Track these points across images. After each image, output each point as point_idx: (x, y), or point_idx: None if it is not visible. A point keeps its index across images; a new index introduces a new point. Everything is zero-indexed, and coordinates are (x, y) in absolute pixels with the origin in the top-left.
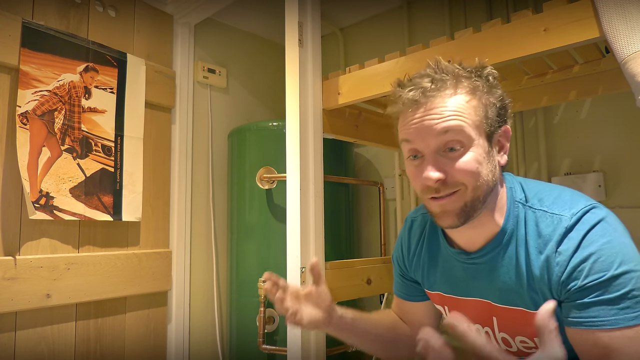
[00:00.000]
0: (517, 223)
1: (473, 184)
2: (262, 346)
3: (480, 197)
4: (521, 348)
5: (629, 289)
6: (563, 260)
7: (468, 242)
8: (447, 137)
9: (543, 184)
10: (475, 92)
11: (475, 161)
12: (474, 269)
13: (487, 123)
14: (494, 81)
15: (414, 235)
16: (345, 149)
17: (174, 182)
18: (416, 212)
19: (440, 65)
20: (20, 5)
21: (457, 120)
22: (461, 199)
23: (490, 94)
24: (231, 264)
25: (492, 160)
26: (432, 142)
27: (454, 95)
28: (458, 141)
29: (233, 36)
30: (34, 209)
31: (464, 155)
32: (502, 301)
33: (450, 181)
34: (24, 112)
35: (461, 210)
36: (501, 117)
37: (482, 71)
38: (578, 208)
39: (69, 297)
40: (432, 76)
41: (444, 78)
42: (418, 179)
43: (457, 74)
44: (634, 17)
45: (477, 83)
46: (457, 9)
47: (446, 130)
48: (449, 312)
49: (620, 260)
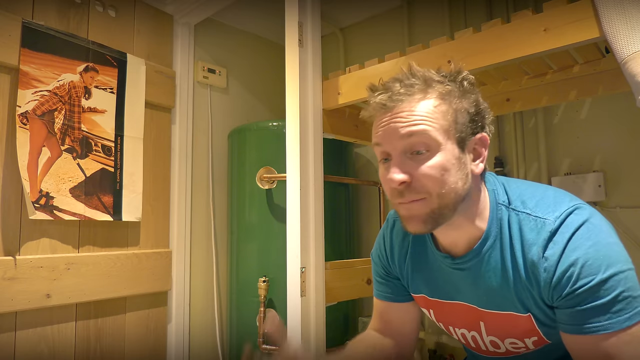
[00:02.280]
0: (501, 226)
1: (437, 190)
2: (262, 346)
3: (449, 204)
4: (510, 349)
5: (619, 291)
6: (550, 266)
7: (451, 244)
8: (412, 140)
9: (526, 184)
10: (445, 96)
11: (441, 167)
12: (459, 275)
13: (456, 128)
14: (468, 86)
15: (397, 235)
16: (345, 149)
17: (174, 182)
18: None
19: (412, 70)
20: (20, 5)
21: (422, 125)
22: (427, 205)
23: (462, 98)
24: (231, 264)
25: (464, 168)
26: (398, 144)
27: (423, 100)
28: (423, 144)
29: (233, 36)
30: (34, 209)
31: (430, 159)
32: (490, 306)
33: (415, 185)
34: (24, 112)
35: (427, 217)
36: (475, 124)
37: (457, 76)
38: (561, 210)
39: (69, 297)
40: (402, 81)
41: (413, 83)
42: (386, 180)
43: (428, 79)
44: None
45: (448, 88)
46: (457, 9)
47: (411, 134)
48: (435, 315)
49: (607, 263)
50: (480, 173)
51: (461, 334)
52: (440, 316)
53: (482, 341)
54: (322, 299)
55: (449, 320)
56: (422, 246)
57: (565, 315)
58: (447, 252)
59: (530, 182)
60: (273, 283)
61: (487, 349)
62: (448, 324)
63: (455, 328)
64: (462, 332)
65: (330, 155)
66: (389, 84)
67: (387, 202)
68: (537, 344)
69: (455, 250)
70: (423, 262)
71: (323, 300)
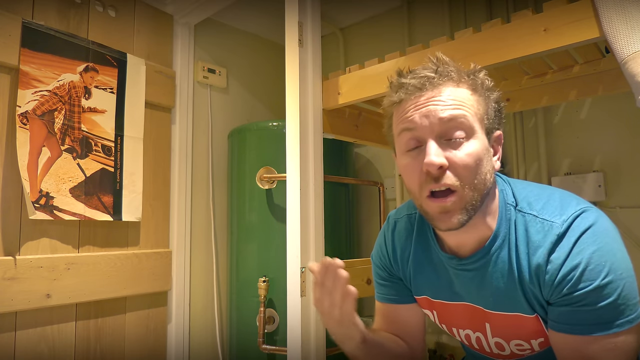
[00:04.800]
0: (509, 227)
1: (471, 179)
2: (262, 346)
3: (479, 197)
4: (515, 351)
5: (614, 298)
6: (554, 269)
7: (460, 245)
8: (451, 124)
9: (531, 186)
10: (477, 88)
11: (477, 155)
12: (466, 275)
13: (487, 120)
14: (490, 84)
15: (399, 237)
16: (345, 149)
17: (174, 182)
18: (399, 213)
19: (443, 59)
20: (20, 5)
21: (461, 110)
22: (461, 198)
23: (490, 92)
24: (231, 264)
25: (490, 160)
26: (436, 127)
27: (458, 88)
28: (462, 129)
29: (233, 36)
30: (34, 209)
31: (466, 144)
32: (497, 307)
33: (451, 170)
34: (24, 112)
35: (464, 210)
36: (498, 120)
37: (479, 73)
38: (568, 214)
39: (69, 297)
40: (435, 68)
41: (448, 69)
42: (416, 169)
43: (460, 69)
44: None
45: (477, 81)
46: (457, 9)
47: (451, 118)
48: (438, 317)
49: (607, 270)
50: (498, 170)
51: (465, 335)
52: (443, 318)
53: (487, 343)
54: None
55: (452, 322)
56: (425, 247)
57: (557, 313)
58: (453, 253)
59: (536, 184)
60: (273, 283)
61: (491, 350)
62: (452, 326)
63: (459, 329)
64: (467, 334)
65: (330, 155)
66: (419, 71)
67: (387, 202)
68: (542, 346)
69: (462, 251)
70: (426, 263)
71: None
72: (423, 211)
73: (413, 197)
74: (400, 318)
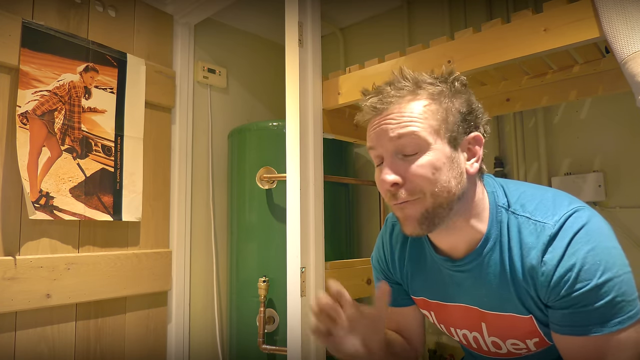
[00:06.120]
0: (501, 229)
1: (430, 189)
2: (262, 346)
3: (443, 203)
4: (512, 350)
5: (613, 295)
6: (548, 271)
7: (451, 248)
8: (401, 142)
9: (525, 186)
10: (436, 96)
11: (431, 165)
12: (460, 277)
13: (447, 128)
14: (460, 87)
15: (396, 239)
16: (345, 149)
17: (174, 182)
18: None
19: (403, 73)
20: (20, 5)
21: (411, 127)
22: (421, 205)
23: (454, 98)
24: (231, 264)
25: (457, 167)
26: (388, 146)
27: (412, 101)
28: (413, 145)
29: (233, 36)
30: (34, 209)
31: (419, 158)
32: (491, 307)
33: (408, 186)
34: (24, 112)
35: (422, 217)
36: (468, 123)
37: (448, 77)
38: (560, 214)
39: (69, 297)
40: (393, 84)
41: (404, 85)
42: (382, 183)
43: (419, 80)
44: (634, 17)
45: (438, 88)
46: (457, 9)
47: (400, 136)
48: (435, 317)
49: (603, 268)
50: (475, 172)
51: (463, 335)
52: (441, 318)
53: (484, 342)
54: None
55: (450, 322)
56: (421, 250)
57: (559, 315)
58: (447, 255)
59: (529, 184)
60: (273, 283)
61: (489, 349)
62: (449, 326)
63: (457, 329)
64: (464, 333)
65: (330, 155)
66: (380, 88)
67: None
68: (538, 346)
69: (455, 253)
70: (422, 265)
71: None
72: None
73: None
74: (401, 320)
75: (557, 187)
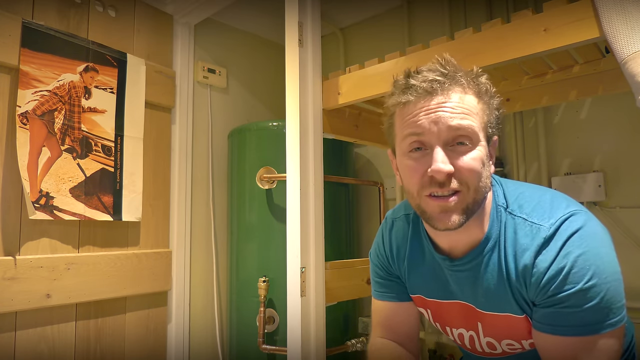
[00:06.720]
0: (500, 229)
1: (475, 184)
2: (262, 346)
3: (479, 200)
4: (507, 350)
5: (597, 301)
6: (540, 272)
7: (452, 247)
8: (458, 133)
9: (523, 187)
10: (481, 95)
11: (480, 160)
12: (458, 276)
13: (489, 127)
14: (492, 90)
15: (396, 236)
16: (345, 149)
17: (174, 182)
18: (397, 213)
19: (451, 62)
20: (20, 5)
21: (469, 120)
22: (464, 199)
23: (492, 99)
24: (231, 264)
25: (489, 166)
26: (443, 134)
27: (465, 94)
28: (469, 137)
29: (233, 36)
30: (34, 209)
31: (471, 151)
32: (488, 307)
33: (456, 176)
34: (24, 112)
35: (462, 212)
36: (497, 126)
37: (481, 77)
38: (557, 217)
39: (69, 297)
40: (444, 72)
41: (457, 74)
42: (418, 171)
43: (467, 73)
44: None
45: (481, 87)
46: (457, 9)
47: (459, 127)
48: (432, 315)
49: (592, 273)
50: (491, 173)
51: (458, 334)
52: (437, 316)
53: (479, 342)
54: (322, 299)
55: (446, 321)
56: (420, 248)
57: (542, 314)
58: (446, 254)
59: (528, 184)
60: (273, 283)
61: (483, 350)
62: (445, 324)
63: (453, 328)
64: (460, 333)
65: (330, 155)
66: (426, 73)
67: (387, 201)
68: (533, 345)
69: (455, 252)
70: (421, 263)
71: (323, 300)
72: (420, 210)
73: (410, 196)
74: (397, 316)
75: (557, 187)
